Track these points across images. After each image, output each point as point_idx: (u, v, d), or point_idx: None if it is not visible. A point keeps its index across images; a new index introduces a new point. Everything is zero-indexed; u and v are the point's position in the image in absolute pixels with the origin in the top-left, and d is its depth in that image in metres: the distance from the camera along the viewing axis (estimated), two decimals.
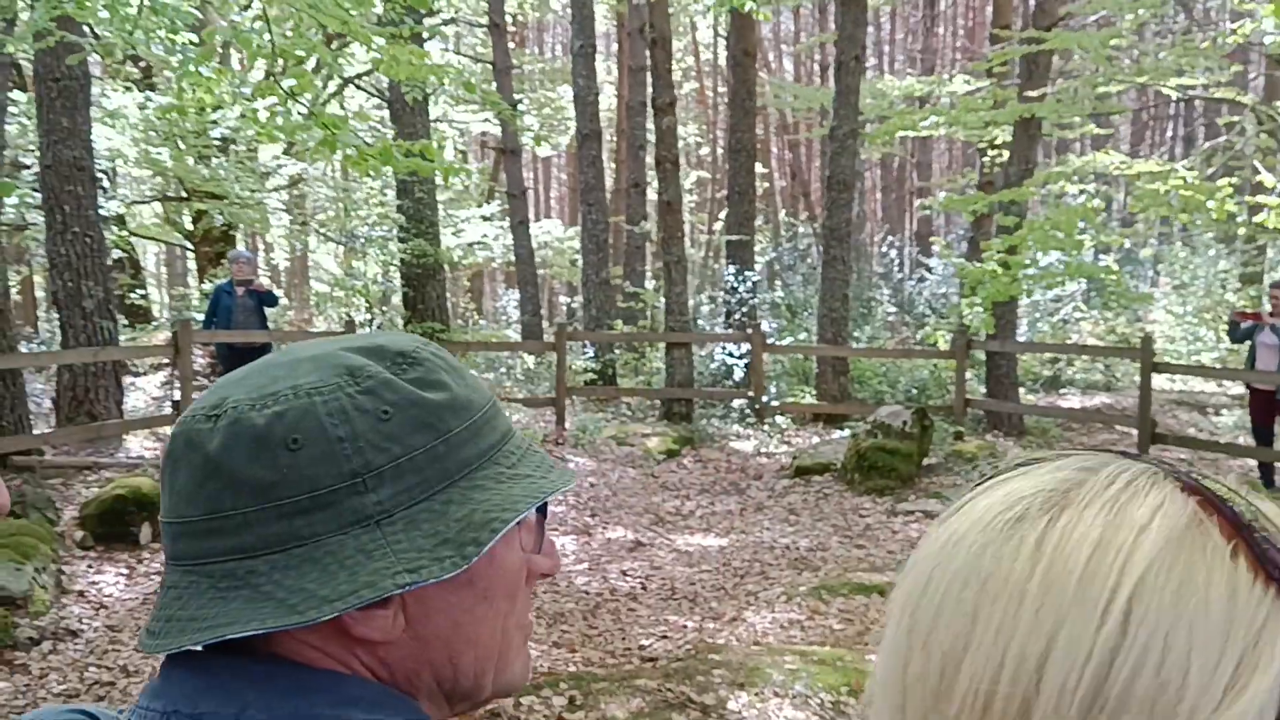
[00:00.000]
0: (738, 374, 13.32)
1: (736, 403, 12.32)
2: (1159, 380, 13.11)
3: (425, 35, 7.83)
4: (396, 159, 5.13)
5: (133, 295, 14.65)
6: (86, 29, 7.87)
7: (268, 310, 10.91)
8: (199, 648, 0.63)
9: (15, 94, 11.77)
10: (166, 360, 11.40)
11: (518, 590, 0.71)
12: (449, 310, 13.77)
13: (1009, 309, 11.99)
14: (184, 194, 14.45)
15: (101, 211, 9.85)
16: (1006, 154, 13.68)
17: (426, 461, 0.65)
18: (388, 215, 13.82)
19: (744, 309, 14.43)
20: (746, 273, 14.73)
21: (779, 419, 11.84)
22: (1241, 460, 9.69)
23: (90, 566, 6.48)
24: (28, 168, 12.23)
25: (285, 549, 0.61)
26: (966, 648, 0.46)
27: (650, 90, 14.41)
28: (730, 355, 13.55)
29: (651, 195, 19.15)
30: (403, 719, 0.64)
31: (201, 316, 10.89)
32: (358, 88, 14.91)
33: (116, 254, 13.28)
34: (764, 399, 11.95)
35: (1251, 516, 0.46)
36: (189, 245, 16.04)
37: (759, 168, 22.62)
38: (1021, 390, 13.21)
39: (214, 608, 0.61)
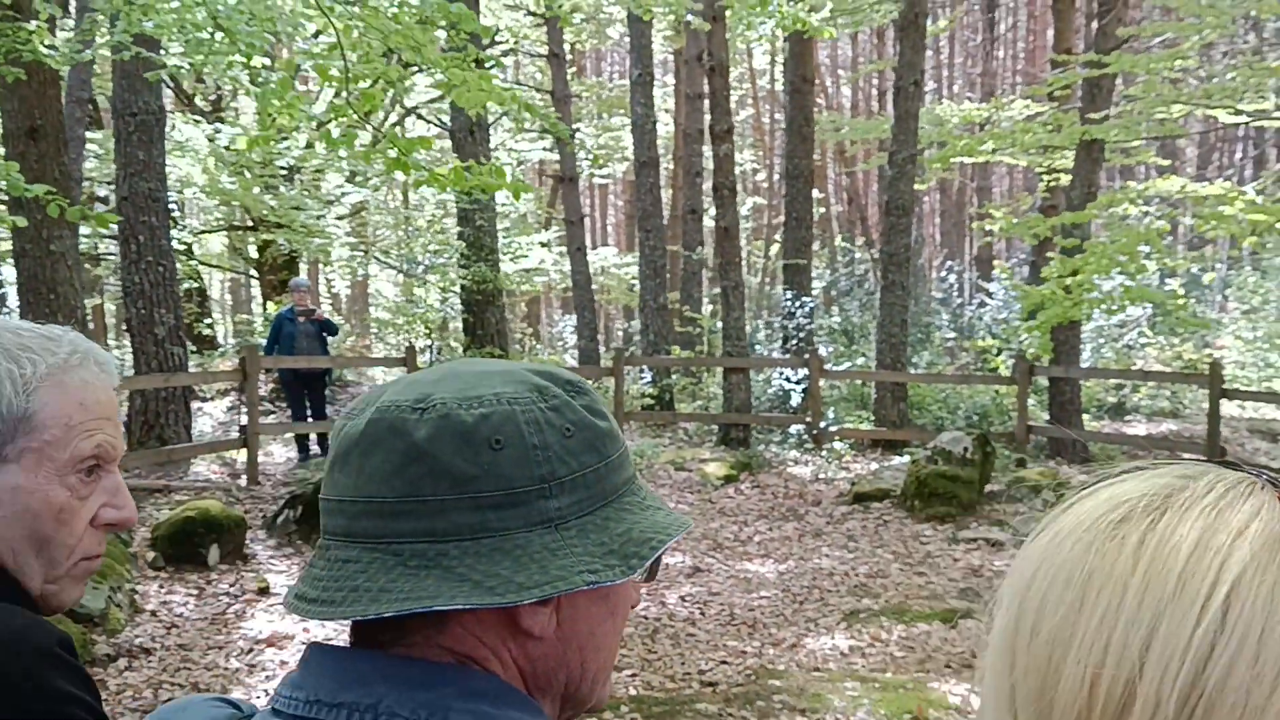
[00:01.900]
0: (795, 399, 13.27)
1: (794, 428, 12.27)
2: (1229, 407, 12.82)
3: (488, 64, 7.98)
4: (467, 178, 5.26)
5: (200, 323, 15.02)
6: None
7: (328, 338, 11.13)
8: (340, 642, 0.70)
9: (89, 132, 12.19)
10: (233, 385, 11.65)
11: (626, 613, 0.78)
12: (508, 335, 13.92)
13: (1072, 334, 11.82)
14: (250, 223, 14.81)
15: (172, 242, 10.15)
16: (1067, 178, 13.53)
17: (594, 479, 0.72)
18: (448, 242, 14.02)
19: (801, 334, 14.40)
20: (804, 298, 14.71)
21: (837, 444, 11.77)
22: None
23: (162, 586, 6.63)
24: (104, 200, 12.62)
25: (476, 538, 0.68)
26: (1073, 635, 0.49)
27: (707, 117, 14.51)
28: (788, 380, 13.51)
29: (708, 221, 19.22)
30: (528, 714, 0.69)
31: (264, 343, 11.13)
32: (419, 118, 15.19)
33: (186, 283, 13.65)
34: (821, 424, 11.90)
35: None
36: (254, 273, 16.41)
37: (815, 193, 22.61)
38: (1086, 417, 13.00)
39: (406, 582, 0.66)
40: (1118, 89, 12.96)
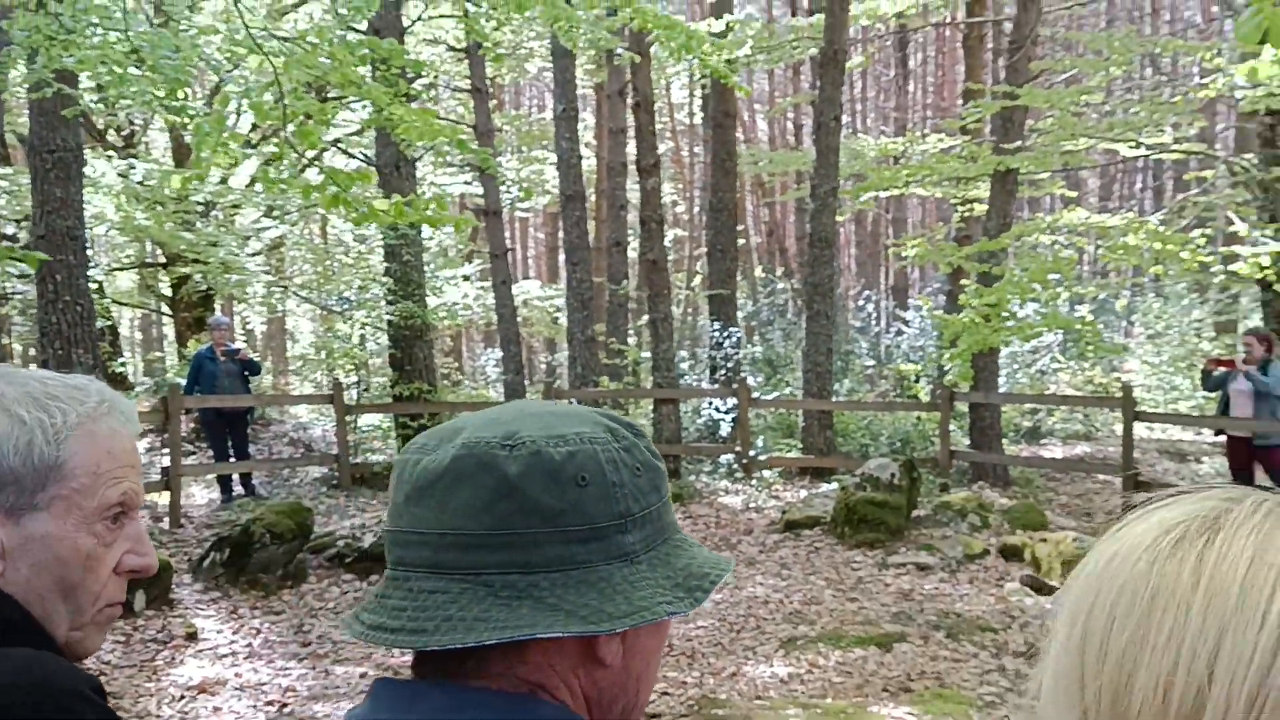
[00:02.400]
0: (724, 429, 13.38)
1: (724, 458, 12.38)
2: (1138, 429, 13.28)
3: (412, 97, 8.00)
4: (408, 213, 5.26)
5: (113, 362, 14.61)
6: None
7: (250, 376, 10.95)
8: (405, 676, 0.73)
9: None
10: (151, 426, 11.36)
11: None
12: (436, 371, 13.81)
13: (991, 360, 12.15)
14: (164, 260, 14.48)
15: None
16: (980, 208, 13.95)
17: (657, 516, 0.77)
18: (374, 278, 13.89)
19: (729, 364, 14.54)
20: (731, 328, 14.87)
21: (766, 473, 11.89)
22: None
23: None
24: (12, 239, 12.25)
25: (564, 570, 0.71)
26: (1143, 650, 0.53)
27: (630, 151, 14.65)
28: (717, 410, 13.63)
29: (632, 254, 19.35)
30: None
31: (182, 382, 10.90)
32: (343, 151, 15.05)
33: (99, 322, 13.27)
34: (751, 453, 12.02)
35: None
36: (168, 311, 16.03)
37: (736, 225, 22.86)
38: (1004, 441, 13.34)
39: (501, 612, 0.69)
40: (1027, 123, 13.43)
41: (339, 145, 14.71)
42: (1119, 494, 10.32)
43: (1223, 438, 9.79)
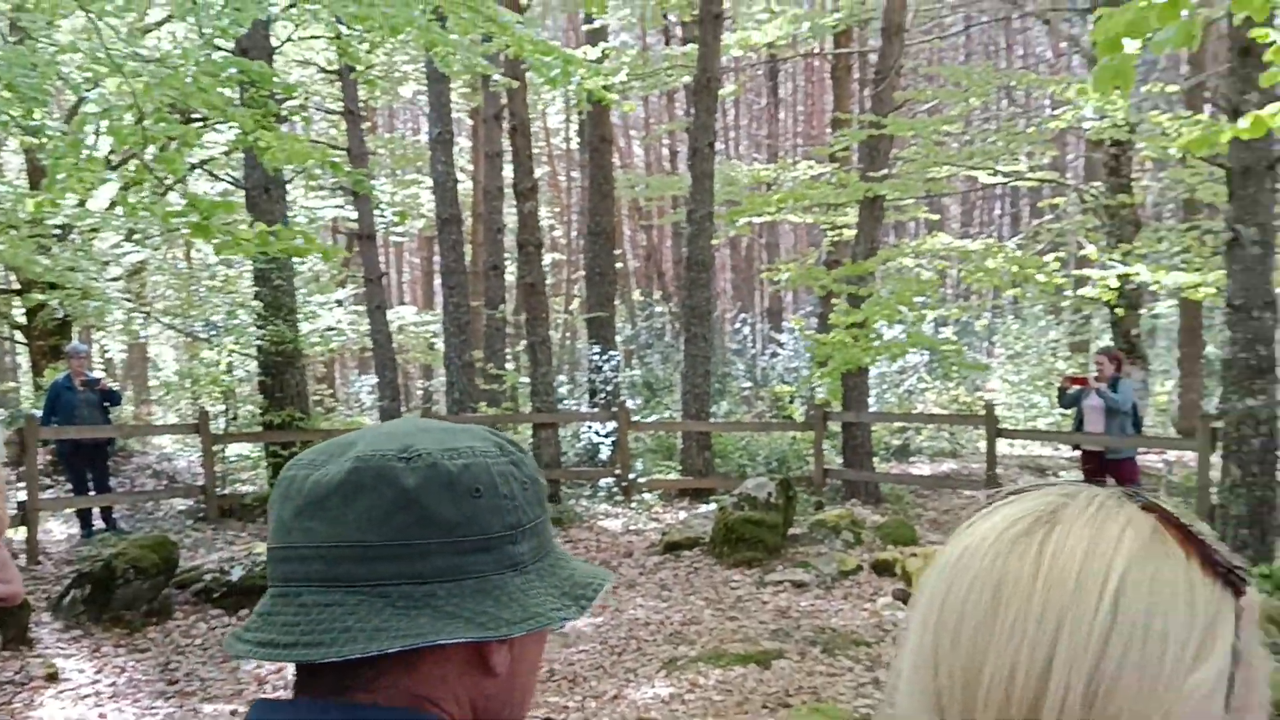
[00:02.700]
0: (604, 452, 13.41)
1: (604, 481, 12.40)
2: (1001, 445, 13.82)
3: (281, 119, 7.84)
4: (272, 241, 5.11)
5: None
6: None
7: (110, 406, 10.51)
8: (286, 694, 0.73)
9: None
10: (7, 460, 10.78)
11: None
12: (308, 397, 13.48)
13: (861, 380, 12.50)
14: (18, 286, 13.79)
15: None
16: (849, 233, 14.38)
17: (542, 529, 0.80)
18: (243, 303, 13.49)
19: (608, 387, 14.59)
20: (609, 351, 14.93)
21: (646, 496, 11.96)
22: None
23: None
24: None
25: (458, 580, 0.72)
26: (991, 637, 0.57)
27: (507, 174, 14.62)
28: (596, 434, 13.65)
29: (510, 278, 19.27)
30: None
31: (39, 413, 10.40)
32: (210, 174, 14.61)
33: None
34: (631, 476, 12.08)
35: (1197, 530, 0.60)
36: (22, 339, 15.26)
37: (614, 250, 23.00)
38: (875, 459, 13.72)
39: (400, 621, 0.70)
40: (892, 151, 13.94)
41: (205, 167, 14.28)
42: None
43: (1078, 452, 10.26)
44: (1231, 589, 0.58)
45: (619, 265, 28.21)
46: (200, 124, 6.72)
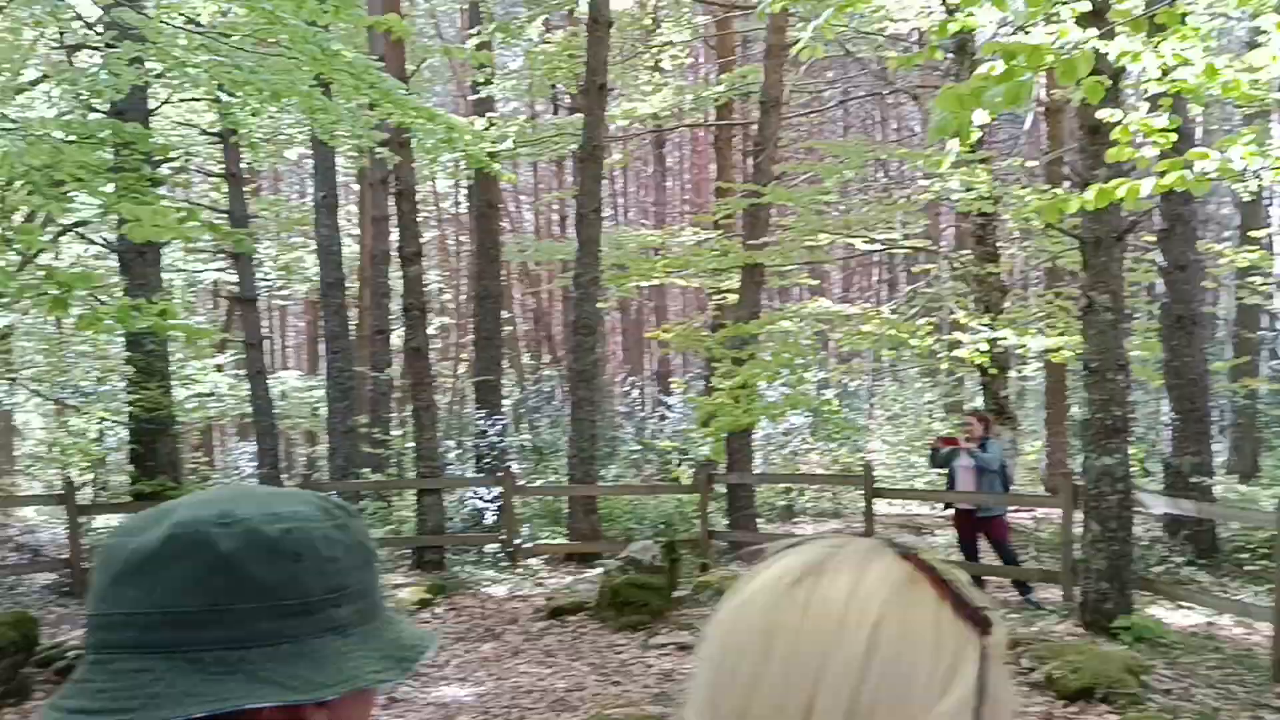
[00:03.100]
0: (490, 518, 13.30)
1: (490, 547, 12.29)
2: (880, 505, 14.14)
3: (157, 182, 7.69)
4: (134, 318, 4.99)
5: None
6: None
7: None
8: None
9: None
10: None
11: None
12: (181, 466, 13.06)
13: (745, 442, 12.71)
14: None
15: None
16: (734, 298, 14.70)
17: (369, 591, 0.82)
18: (114, 368, 13.07)
19: (494, 452, 14.51)
20: (496, 416, 14.88)
21: (532, 561, 11.89)
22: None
23: None
24: None
25: (275, 644, 0.74)
26: (763, 674, 0.63)
27: (394, 238, 14.56)
28: (482, 499, 13.54)
29: (396, 342, 19.08)
30: None
31: None
32: (80, 236, 14.19)
33: None
34: (517, 541, 11.99)
35: (948, 576, 0.67)
36: None
37: (503, 313, 23.00)
38: (760, 520, 13.90)
39: (209, 686, 0.71)
40: (774, 219, 14.37)
41: (77, 230, 13.88)
42: None
43: (951, 510, 10.57)
44: (978, 629, 0.66)
45: (509, 329, 28.17)
46: (68, 189, 6.55)
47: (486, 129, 11.89)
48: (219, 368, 19.08)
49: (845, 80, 21.92)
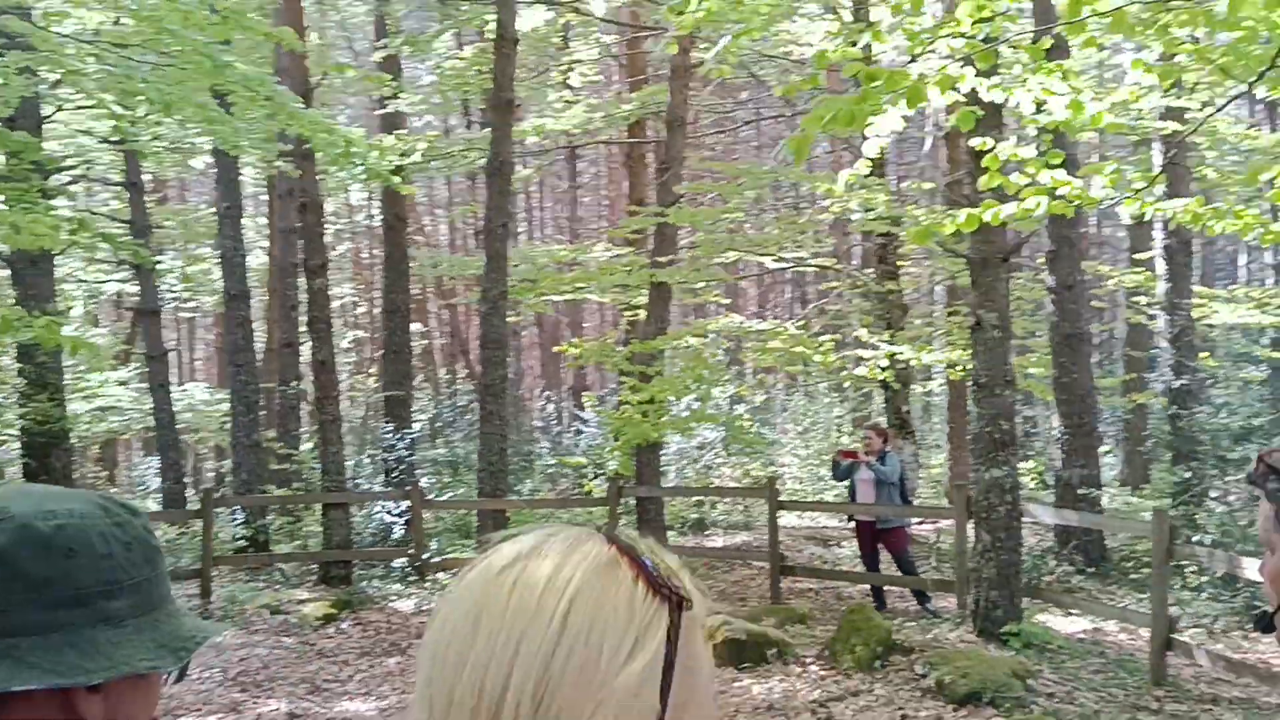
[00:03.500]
0: (398, 532, 13.20)
1: (397, 562, 12.20)
2: (789, 517, 14.39)
3: (51, 194, 7.54)
4: (17, 328, 4.92)
5: None
6: None
7: None
8: None
9: None
10: None
11: (156, 706, 0.91)
12: (75, 481, 12.72)
13: (654, 456, 12.83)
14: None
15: None
16: (645, 314, 14.86)
17: (148, 587, 0.87)
18: (3, 380, 12.69)
19: (402, 466, 14.41)
20: (405, 430, 14.78)
21: (441, 575, 11.83)
22: (862, 585, 10.75)
23: None
24: None
25: (45, 634, 0.79)
26: (469, 654, 0.69)
27: (301, 251, 14.40)
28: (389, 513, 13.43)
29: (305, 355, 18.83)
30: None
31: None
32: None
33: None
34: (425, 556, 11.93)
35: (651, 558, 0.73)
36: None
37: (418, 326, 22.87)
38: (671, 533, 14.02)
39: None
40: (683, 238, 14.57)
41: None
42: (769, 578, 11.09)
43: (853, 522, 10.80)
44: (674, 605, 0.71)
45: (424, 343, 27.98)
46: None
47: (393, 143, 11.84)
48: (122, 381, 18.62)
49: (757, 101, 22.31)
